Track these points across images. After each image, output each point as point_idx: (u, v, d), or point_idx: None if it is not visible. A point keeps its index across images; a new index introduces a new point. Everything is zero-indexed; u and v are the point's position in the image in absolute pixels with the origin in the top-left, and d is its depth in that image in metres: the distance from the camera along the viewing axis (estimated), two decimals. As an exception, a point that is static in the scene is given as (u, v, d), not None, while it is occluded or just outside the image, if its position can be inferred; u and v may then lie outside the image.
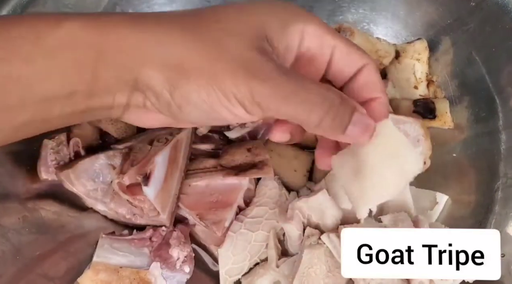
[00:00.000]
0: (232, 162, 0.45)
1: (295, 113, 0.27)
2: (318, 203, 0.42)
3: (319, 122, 0.27)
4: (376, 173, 0.29)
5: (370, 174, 0.29)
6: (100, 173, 0.43)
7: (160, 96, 0.27)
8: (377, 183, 0.29)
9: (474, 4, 0.46)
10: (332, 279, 0.38)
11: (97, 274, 0.42)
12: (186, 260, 0.44)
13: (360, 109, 0.29)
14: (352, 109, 0.28)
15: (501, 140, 0.45)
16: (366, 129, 0.29)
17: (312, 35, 0.29)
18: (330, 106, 0.27)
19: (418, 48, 0.50)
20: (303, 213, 0.42)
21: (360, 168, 0.29)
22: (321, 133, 0.28)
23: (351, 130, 0.28)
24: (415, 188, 0.47)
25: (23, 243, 0.41)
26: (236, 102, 0.26)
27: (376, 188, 0.29)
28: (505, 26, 0.44)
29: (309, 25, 0.29)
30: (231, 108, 0.27)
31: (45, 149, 0.44)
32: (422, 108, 0.49)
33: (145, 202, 0.42)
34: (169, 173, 0.42)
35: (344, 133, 0.28)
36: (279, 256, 0.43)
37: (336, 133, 0.28)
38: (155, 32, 0.26)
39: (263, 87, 0.26)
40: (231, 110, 0.27)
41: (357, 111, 0.28)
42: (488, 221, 0.44)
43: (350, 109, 0.28)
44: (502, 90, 0.45)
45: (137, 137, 0.46)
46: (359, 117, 0.28)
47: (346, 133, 0.28)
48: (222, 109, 0.27)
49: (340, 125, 0.28)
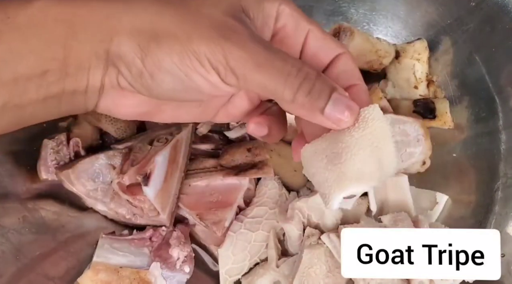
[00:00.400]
0: (232, 162, 0.45)
1: (269, 83, 0.25)
2: (318, 203, 0.42)
3: (293, 96, 0.25)
4: (357, 159, 0.26)
5: (351, 160, 0.26)
6: (100, 173, 0.43)
7: (132, 65, 0.26)
8: (357, 170, 0.26)
9: (474, 4, 0.46)
10: (332, 279, 0.38)
11: (97, 274, 0.42)
12: (186, 260, 0.44)
13: (340, 90, 0.26)
14: (330, 88, 0.26)
15: (501, 140, 0.45)
16: (348, 110, 0.26)
17: (288, 15, 0.29)
18: (305, 78, 0.25)
19: (418, 48, 0.49)
20: (303, 213, 0.42)
21: (339, 154, 0.27)
22: (298, 113, 0.27)
23: (331, 110, 0.26)
24: (415, 188, 0.47)
25: (23, 243, 0.41)
26: (210, 67, 0.25)
27: (356, 175, 0.26)
28: (505, 26, 0.44)
29: (284, 5, 0.29)
30: (206, 75, 0.26)
31: (45, 149, 0.44)
32: (422, 108, 0.49)
33: (145, 202, 0.42)
34: (169, 173, 0.42)
35: (323, 113, 0.26)
36: (279, 256, 0.43)
37: (313, 112, 0.26)
38: (125, 2, 0.26)
39: (238, 50, 0.25)
40: (205, 76, 0.26)
41: (337, 91, 0.26)
42: (488, 221, 0.44)
43: (328, 87, 0.26)
44: (502, 90, 0.45)
45: (137, 137, 0.46)
46: (339, 97, 0.26)
47: (325, 112, 0.26)
48: (196, 75, 0.26)
49: (317, 102, 0.25)
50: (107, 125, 0.46)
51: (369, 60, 0.49)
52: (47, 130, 0.46)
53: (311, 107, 0.26)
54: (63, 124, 0.47)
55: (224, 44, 0.25)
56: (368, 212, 0.44)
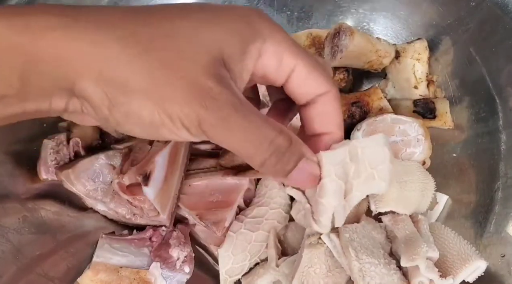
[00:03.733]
0: (231, 162, 0.45)
1: (239, 149, 0.26)
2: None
3: (262, 163, 0.26)
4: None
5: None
6: (100, 173, 0.44)
7: (98, 110, 0.24)
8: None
9: (474, 4, 0.46)
10: (332, 278, 0.38)
11: (97, 274, 0.42)
12: (186, 260, 0.44)
13: (308, 154, 0.27)
14: (299, 156, 0.27)
15: (501, 140, 0.45)
16: (310, 178, 0.28)
17: (271, 54, 0.27)
18: (275, 151, 0.26)
19: (418, 48, 0.49)
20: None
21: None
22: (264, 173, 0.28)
23: (295, 175, 0.27)
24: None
25: (23, 243, 0.41)
26: (181, 126, 0.25)
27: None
28: (505, 26, 0.44)
29: (269, 43, 0.27)
30: (176, 132, 0.25)
31: (45, 149, 0.44)
32: (422, 108, 0.49)
33: (145, 202, 0.42)
34: (169, 173, 0.42)
35: (287, 177, 0.27)
36: (279, 255, 0.43)
37: (278, 176, 0.27)
38: (94, 42, 0.23)
39: (213, 119, 0.24)
40: (174, 132, 0.25)
41: (305, 157, 0.27)
42: (488, 221, 0.44)
43: (296, 156, 0.27)
44: (502, 90, 0.45)
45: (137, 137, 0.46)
46: (304, 165, 0.27)
47: (290, 177, 0.27)
48: (165, 131, 0.25)
49: (283, 170, 0.27)
50: (107, 125, 0.46)
51: (369, 60, 0.49)
52: (47, 130, 0.46)
53: (277, 173, 0.27)
54: (63, 124, 0.47)
55: (200, 111, 0.24)
56: (368, 212, 0.43)
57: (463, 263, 0.37)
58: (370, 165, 0.29)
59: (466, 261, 0.37)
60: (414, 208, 0.42)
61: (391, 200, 0.41)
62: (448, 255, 0.38)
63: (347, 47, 0.47)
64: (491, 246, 0.43)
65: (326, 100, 0.29)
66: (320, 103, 0.29)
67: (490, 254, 0.42)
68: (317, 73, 0.28)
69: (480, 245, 0.43)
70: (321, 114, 0.29)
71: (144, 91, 0.24)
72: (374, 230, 0.40)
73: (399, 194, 0.41)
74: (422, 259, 0.35)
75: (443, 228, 0.41)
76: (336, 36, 0.48)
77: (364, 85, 0.55)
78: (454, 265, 0.37)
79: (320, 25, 0.53)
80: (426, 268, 0.35)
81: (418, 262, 0.35)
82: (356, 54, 0.48)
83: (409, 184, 0.42)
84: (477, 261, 0.37)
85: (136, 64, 0.23)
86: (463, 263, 0.37)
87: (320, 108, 0.29)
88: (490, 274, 0.40)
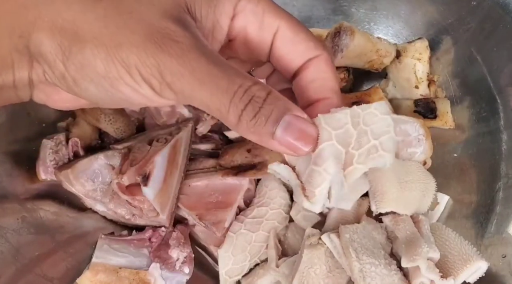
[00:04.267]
0: (231, 162, 0.45)
1: (211, 103, 0.22)
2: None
3: (237, 119, 0.22)
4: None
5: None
6: (99, 173, 0.43)
7: (54, 66, 0.23)
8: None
9: (475, 4, 0.45)
10: (332, 279, 0.38)
11: (96, 275, 0.42)
12: (186, 261, 0.44)
13: (296, 110, 0.23)
14: (282, 109, 0.22)
15: (502, 140, 0.45)
16: (302, 137, 0.22)
17: (249, 12, 0.24)
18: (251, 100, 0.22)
19: (419, 47, 0.49)
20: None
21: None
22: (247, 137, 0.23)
23: (282, 134, 0.22)
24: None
25: (22, 244, 0.41)
26: (141, 80, 0.22)
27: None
28: (506, 26, 0.44)
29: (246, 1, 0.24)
30: (136, 87, 0.22)
31: (44, 149, 0.44)
32: (423, 107, 0.49)
33: (145, 203, 0.42)
34: (169, 173, 0.42)
35: (273, 138, 0.22)
36: (279, 256, 0.43)
37: (262, 137, 0.22)
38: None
39: (175, 64, 0.21)
40: (136, 89, 0.23)
41: (290, 111, 0.22)
42: (490, 221, 0.44)
43: (279, 109, 0.22)
44: (503, 89, 0.45)
45: (136, 137, 0.46)
46: (291, 120, 0.22)
47: (276, 137, 0.22)
48: (125, 88, 0.23)
49: (266, 126, 0.22)
50: (106, 125, 0.46)
51: (370, 59, 0.49)
52: (46, 130, 0.46)
53: (259, 132, 0.22)
54: (62, 124, 0.47)
55: (159, 55, 0.21)
56: (369, 212, 0.43)
57: (464, 263, 0.37)
58: (373, 135, 0.25)
59: (467, 261, 0.37)
60: (415, 209, 0.42)
61: (391, 201, 0.41)
62: (449, 255, 0.38)
63: (347, 47, 0.46)
64: (492, 246, 0.43)
65: (317, 64, 0.26)
66: (312, 68, 0.26)
67: (491, 255, 0.42)
68: (303, 35, 0.26)
69: (481, 246, 0.43)
70: (315, 80, 0.26)
71: (98, 37, 0.22)
72: (375, 230, 0.40)
73: (400, 195, 0.41)
74: (423, 259, 0.35)
75: (444, 229, 0.41)
76: (336, 35, 0.48)
77: (365, 85, 0.55)
78: (455, 265, 0.37)
79: (321, 25, 0.53)
80: (427, 269, 0.35)
81: (419, 263, 0.35)
82: (357, 54, 0.47)
83: (410, 184, 0.42)
84: (478, 262, 0.36)
85: (90, 12, 0.22)
86: (464, 264, 0.37)
87: (312, 73, 0.26)
88: (491, 275, 0.40)
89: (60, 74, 0.23)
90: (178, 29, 0.22)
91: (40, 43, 0.22)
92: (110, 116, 0.46)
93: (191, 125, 0.46)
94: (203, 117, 0.47)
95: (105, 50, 0.22)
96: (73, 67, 0.22)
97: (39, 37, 0.22)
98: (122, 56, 0.21)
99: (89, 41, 0.22)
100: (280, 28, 0.25)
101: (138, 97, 0.23)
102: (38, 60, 0.23)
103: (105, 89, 0.23)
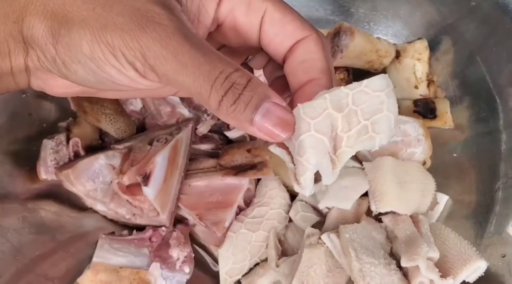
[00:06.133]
0: (231, 162, 0.45)
1: (193, 87, 0.22)
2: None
3: (218, 104, 0.22)
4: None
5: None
6: (99, 173, 0.43)
7: (46, 50, 0.23)
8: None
9: (475, 4, 0.45)
10: (331, 279, 0.38)
11: (96, 274, 0.42)
12: (186, 260, 0.44)
13: (275, 97, 0.23)
14: (261, 96, 0.23)
15: (502, 140, 0.45)
16: (280, 125, 0.23)
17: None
18: (232, 86, 0.22)
19: (419, 48, 0.49)
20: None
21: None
22: (228, 121, 0.24)
23: (260, 121, 0.23)
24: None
25: (22, 243, 0.41)
26: (125, 61, 0.22)
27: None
28: (505, 26, 0.44)
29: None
30: (122, 69, 0.23)
31: (44, 149, 0.44)
32: (422, 108, 0.49)
33: (145, 202, 0.42)
34: (169, 173, 0.42)
35: (252, 124, 0.23)
36: (279, 256, 0.43)
37: (242, 122, 0.23)
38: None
39: (158, 47, 0.21)
40: (122, 71, 0.23)
41: (269, 99, 0.23)
42: (489, 221, 0.44)
43: (258, 95, 0.23)
44: (503, 90, 0.45)
45: (137, 137, 0.46)
46: (270, 107, 0.23)
47: (255, 123, 0.23)
48: (109, 68, 0.23)
49: (245, 112, 0.23)
50: (106, 125, 0.46)
51: (370, 60, 0.49)
52: (47, 130, 0.46)
53: (239, 118, 0.23)
54: (62, 124, 0.47)
55: (142, 37, 0.21)
56: (368, 212, 0.43)
57: (463, 263, 0.37)
58: (364, 116, 0.24)
59: (467, 261, 0.37)
60: (414, 208, 0.42)
61: (391, 200, 0.41)
62: (448, 255, 0.38)
63: (347, 47, 0.47)
64: (491, 246, 0.43)
65: (306, 45, 0.26)
66: (301, 49, 0.26)
67: (491, 254, 0.42)
68: (292, 16, 0.26)
69: (480, 245, 0.43)
70: (304, 61, 0.26)
71: (84, 20, 0.22)
72: (375, 230, 0.40)
73: (399, 194, 0.41)
74: (423, 259, 0.35)
75: (443, 229, 0.41)
76: (336, 35, 0.48)
77: (364, 85, 0.55)
78: (455, 265, 0.37)
79: (320, 25, 0.53)
80: (427, 268, 0.35)
81: (418, 262, 0.35)
82: (357, 54, 0.47)
83: (410, 184, 0.42)
84: (477, 261, 0.37)
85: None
86: (464, 263, 0.37)
87: (301, 55, 0.26)
88: (490, 274, 0.40)
89: (51, 57, 0.24)
90: (162, 12, 0.22)
91: (32, 26, 0.23)
92: (111, 116, 0.46)
93: (191, 125, 0.46)
94: (203, 117, 0.47)
95: (91, 31, 0.22)
96: (62, 49, 0.23)
97: (31, 20, 0.23)
98: (107, 38, 0.22)
99: (76, 24, 0.22)
100: (267, 10, 0.25)
101: (123, 78, 0.24)
102: (32, 45, 0.24)
103: (92, 70, 0.23)
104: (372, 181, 0.43)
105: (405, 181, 0.42)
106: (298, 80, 0.26)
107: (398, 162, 0.44)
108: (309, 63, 0.25)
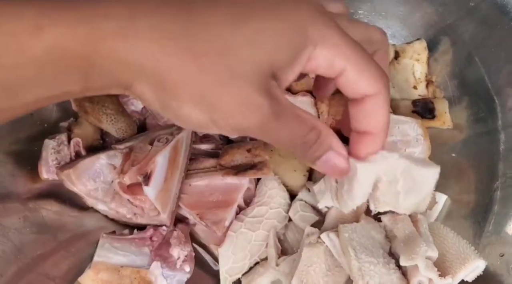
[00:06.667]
0: (231, 162, 0.45)
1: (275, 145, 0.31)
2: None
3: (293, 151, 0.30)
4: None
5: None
6: (101, 173, 0.44)
7: (151, 106, 0.27)
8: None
9: (473, 5, 0.46)
10: (331, 278, 0.39)
11: (97, 274, 0.42)
12: (187, 260, 0.45)
13: (336, 147, 0.30)
14: (326, 148, 0.30)
15: (500, 140, 0.45)
16: (334, 170, 0.31)
17: (321, 58, 0.27)
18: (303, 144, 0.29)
19: (417, 48, 0.50)
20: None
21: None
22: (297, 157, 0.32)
23: (319, 164, 0.30)
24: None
25: (24, 243, 0.41)
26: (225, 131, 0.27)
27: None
28: (504, 27, 0.44)
29: (319, 48, 0.27)
30: (218, 131, 0.28)
31: (46, 149, 0.44)
32: (421, 108, 0.49)
33: (146, 202, 0.42)
34: (170, 173, 0.42)
35: (315, 164, 0.31)
36: (278, 255, 0.44)
37: (307, 160, 0.31)
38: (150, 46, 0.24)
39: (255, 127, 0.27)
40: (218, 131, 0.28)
41: (332, 150, 0.30)
42: (487, 221, 0.44)
43: (323, 147, 0.30)
44: (501, 90, 0.46)
45: (138, 137, 0.46)
46: (330, 157, 0.30)
47: (317, 165, 0.31)
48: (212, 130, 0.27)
49: (312, 157, 0.30)
50: (108, 125, 0.46)
51: (369, 60, 0.49)
52: (48, 130, 0.46)
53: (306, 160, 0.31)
54: (64, 124, 0.47)
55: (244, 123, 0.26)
56: (367, 212, 0.44)
57: (462, 262, 0.37)
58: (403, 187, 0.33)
59: (465, 260, 0.37)
60: (413, 208, 0.42)
61: None
62: (447, 254, 0.38)
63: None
64: (490, 245, 0.43)
65: (374, 101, 0.29)
66: (368, 103, 0.29)
67: (489, 254, 0.42)
68: (368, 74, 0.28)
69: (479, 245, 0.43)
70: (368, 114, 0.30)
71: (196, 102, 0.25)
72: (374, 229, 0.40)
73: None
74: (421, 258, 0.35)
75: (442, 228, 0.41)
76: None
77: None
78: (453, 264, 0.37)
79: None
80: (425, 268, 0.36)
81: (417, 262, 0.35)
82: (356, 55, 0.48)
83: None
84: (476, 261, 0.37)
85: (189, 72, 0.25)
86: (462, 263, 0.37)
87: (368, 108, 0.30)
88: (489, 274, 0.40)
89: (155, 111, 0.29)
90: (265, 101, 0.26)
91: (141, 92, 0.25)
92: (112, 116, 0.46)
93: (192, 125, 0.46)
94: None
95: (201, 111, 0.26)
96: (169, 114, 0.27)
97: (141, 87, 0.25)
98: (215, 119, 0.26)
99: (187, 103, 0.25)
100: (347, 68, 0.28)
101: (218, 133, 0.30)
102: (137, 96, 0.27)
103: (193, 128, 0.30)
104: None
105: None
106: (359, 127, 0.31)
107: None
108: (372, 117, 0.30)
